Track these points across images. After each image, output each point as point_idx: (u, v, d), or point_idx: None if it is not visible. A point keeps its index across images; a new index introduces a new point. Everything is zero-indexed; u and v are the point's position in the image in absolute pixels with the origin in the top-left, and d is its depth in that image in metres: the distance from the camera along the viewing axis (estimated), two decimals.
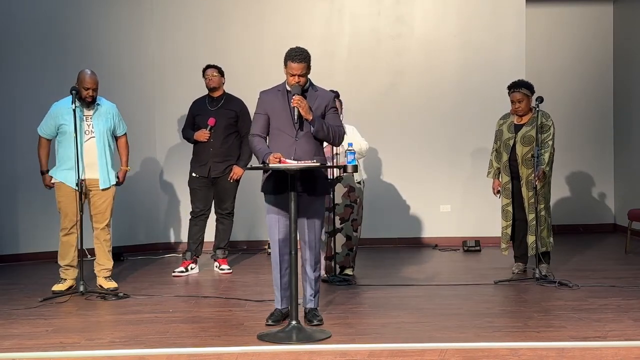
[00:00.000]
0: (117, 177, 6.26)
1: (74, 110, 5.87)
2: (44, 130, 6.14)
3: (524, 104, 6.51)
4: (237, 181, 7.02)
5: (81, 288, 5.93)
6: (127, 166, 6.38)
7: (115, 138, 6.31)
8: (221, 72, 7.04)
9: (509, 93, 6.58)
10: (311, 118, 4.77)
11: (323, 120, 4.86)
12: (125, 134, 6.37)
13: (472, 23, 8.76)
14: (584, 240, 8.94)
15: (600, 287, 5.99)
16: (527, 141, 6.48)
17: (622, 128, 9.55)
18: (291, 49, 4.83)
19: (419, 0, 8.78)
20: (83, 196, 6.02)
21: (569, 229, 9.51)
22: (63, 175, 6.07)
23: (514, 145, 6.54)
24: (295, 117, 4.77)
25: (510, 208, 6.67)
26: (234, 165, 6.94)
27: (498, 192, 6.77)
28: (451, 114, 8.74)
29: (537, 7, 9.53)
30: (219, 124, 6.90)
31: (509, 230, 6.71)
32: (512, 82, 6.61)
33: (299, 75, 4.77)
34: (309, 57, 4.82)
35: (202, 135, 6.89)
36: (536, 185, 6.33)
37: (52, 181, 6.13)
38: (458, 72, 8.75)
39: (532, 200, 6.43)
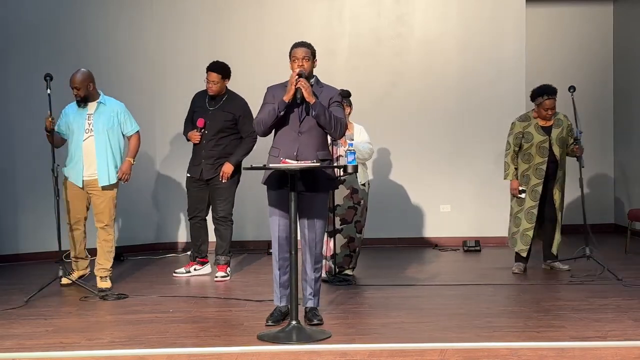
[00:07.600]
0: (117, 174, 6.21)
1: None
2: (59, 129, 6.21)
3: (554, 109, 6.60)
4: (234, 183, 6.73)
5: (60, 273, 5.96)
6: (133, 159, 6.30)
7: (127, 138, 6.32)
8: (225, 75, 6.68)
9: (540, 98, 6.56)
10: (314, 101, 4.71)
11: (326, 107, 4.80)
12: (136, 132, 6.34)
13: (472, 23, 8.76)
14: (584, 240, 8.90)
15: (600, 287, 5.99)
16: (561, 142, 6.63)
17: (622, 128, 9.54)
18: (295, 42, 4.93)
19: (419, 0, 8.78)
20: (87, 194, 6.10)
21: (569, 229, 9.48)
22: (69, 172, 6.16)
23: (551, 147, 6.60)
24: (298, 98, 4.71)
25: (535, 210, 6.66)
26: (225, 163, 6.65)
27: (519, 191, 6.70)
28: (451, 114, 8.74)
29: (537, 7, 9.52)
30: (211, 125, 6.65)
31: (531, 232, 6.71)
32: (546, 87, 6.59)
33: (302, 59, 4.77)
34: (314, 50, 4.88)
35: (193, 136, 6.73)
36: (577, 156, 6.57)
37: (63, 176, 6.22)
38: (458, 72, 8.74)
39: (560, 201, 6.68)
